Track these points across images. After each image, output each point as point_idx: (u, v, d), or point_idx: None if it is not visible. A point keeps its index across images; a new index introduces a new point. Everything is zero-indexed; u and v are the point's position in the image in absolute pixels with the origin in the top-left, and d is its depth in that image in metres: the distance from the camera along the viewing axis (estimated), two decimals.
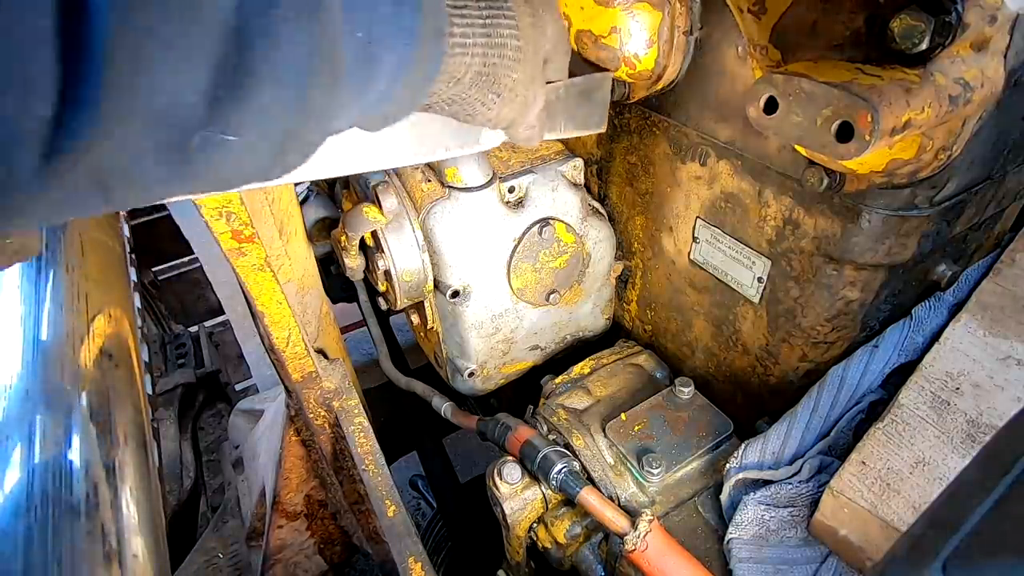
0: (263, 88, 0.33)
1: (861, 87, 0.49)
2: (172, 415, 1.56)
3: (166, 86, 0.29)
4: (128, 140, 0.30)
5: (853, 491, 0.71)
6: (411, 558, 0.83)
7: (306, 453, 1.17)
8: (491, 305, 1.06)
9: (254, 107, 0.33)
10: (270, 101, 0.34)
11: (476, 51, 0.50)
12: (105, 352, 0.80)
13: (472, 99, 0.54)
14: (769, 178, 0.81)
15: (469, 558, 1.41)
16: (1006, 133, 0.69)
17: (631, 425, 0.95)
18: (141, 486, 0.74)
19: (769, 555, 0.76)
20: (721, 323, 1.00)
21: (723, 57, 0.80)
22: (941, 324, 0.85)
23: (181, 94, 0.30)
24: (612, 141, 1.06)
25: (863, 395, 0.83)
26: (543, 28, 0.56)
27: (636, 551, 0.78)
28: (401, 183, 0.98)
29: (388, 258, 0.96)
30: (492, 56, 0.51)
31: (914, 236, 0.73)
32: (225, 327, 2.10)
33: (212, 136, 0.33)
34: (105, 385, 0.77)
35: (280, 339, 0.90)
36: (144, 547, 0.69)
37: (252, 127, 0.34)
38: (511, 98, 0.55)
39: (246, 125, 0.34)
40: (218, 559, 1.28)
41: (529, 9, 0.54)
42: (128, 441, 0.76)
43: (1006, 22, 0.55)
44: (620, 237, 1.15)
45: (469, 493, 1.50)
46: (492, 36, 0.51)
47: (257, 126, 0.34)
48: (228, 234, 0.74)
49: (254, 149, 0.35)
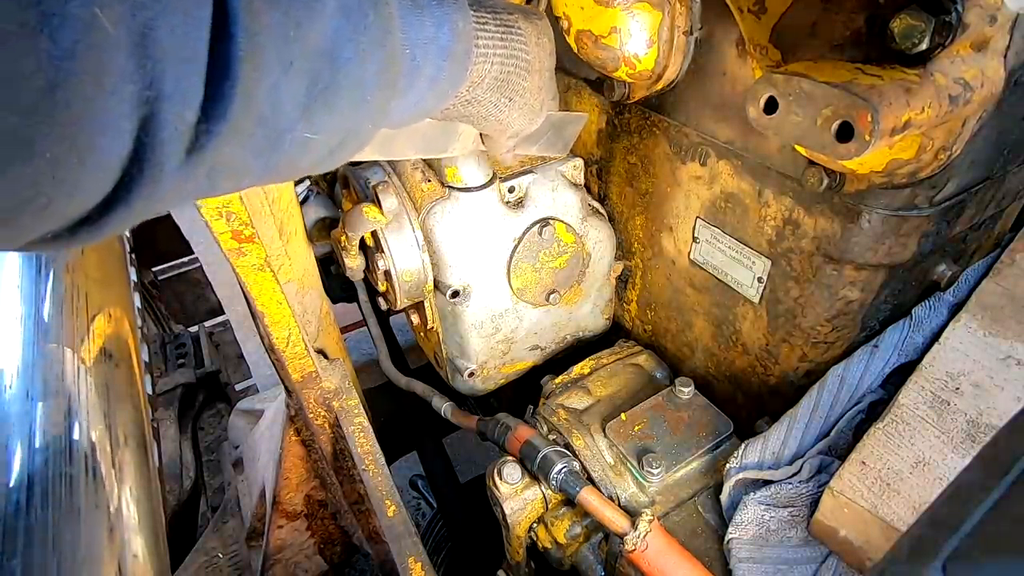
0: (342, 97, 0.41)
1: (861, 87, 0.49)
2: (172, 415, 1.56)
3: (275, 97, 0.37)
4: (240, 141, 0.36)
5: (853, 491, 0.71)
6: (411, 558, 0.83)
7: (306, 453, 1.17)
8: (491, 305, 1.06)
9: (335, 112, 0.41)
10: (346, 107, 0.42)
11: (495, 60, 0.60)
12: (105, 352, 0.80)
13: (487, 101, 0.63)
14: (769, 178, 0.81)
15: (469, 558, 1.41)
16: (1006, 133, 0.69)
17: (631, 425, 0.95)
18: (141, 486, 0.74)
19: (769, 555, 0.76)
20: (721, 323, 1.00)
21: (723, 57, 0.80)
22: (941, 324, 0.85)
23: (284, 103, 0.38)
24: (612, 141, 1.06)
25: (863, 395, 0.83)
26: (545, 49, 0.67)
27: (636, 551, 0.78)
28: (401, 183, 0.98)
29: (388, 258, 0.96)
30: (508, 65, 0.61)
31: (914, 236, 0.73)
32: (225, 327, 2.10)
33: (299, 136, 0.40)
34: (105, 385, 0.77)
35: (280, 339, 0.90)
36: (144, 547, 0.69)
37: (329, 128, 0.42)
38: (521, 103, 0.65)
39: (325, 126, 0.42)
40: (218, 559, 1.28)
41: (535, 31, 0.64)
42: (128, 441, 0.76)
43: (1006, 22, 0.55)
44: (620, 237, 1.15)
45: (469, 493, 1.50)
46: (508, 48, 0.61)
47: (333, 127, 0.43)
48: (228, 234, 0.74)
49: (326, 145, 0.44)
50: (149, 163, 0.32)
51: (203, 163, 0.35)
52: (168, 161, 0.33)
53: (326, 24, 0.38)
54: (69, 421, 0.69)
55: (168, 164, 0.33)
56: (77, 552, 0.59)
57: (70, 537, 0.59)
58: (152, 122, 0.31)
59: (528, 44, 0.63)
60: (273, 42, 0.35)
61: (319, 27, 0.38)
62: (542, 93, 0.68)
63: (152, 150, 0.32)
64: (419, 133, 0.73)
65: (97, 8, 0.27)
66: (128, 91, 0.29)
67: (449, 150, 0.78)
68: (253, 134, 0.37)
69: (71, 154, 0.29)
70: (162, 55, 0.30)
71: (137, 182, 0.32)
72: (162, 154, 0.32)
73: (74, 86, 0.27)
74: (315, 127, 0.41)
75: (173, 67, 0.31)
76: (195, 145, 0.34)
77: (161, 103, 0.31)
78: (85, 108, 0.28)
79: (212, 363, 1.76)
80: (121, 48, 0.28)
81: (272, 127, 0.38)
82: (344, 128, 0.44)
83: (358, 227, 0.94)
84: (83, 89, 0.28)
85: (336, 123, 0.42)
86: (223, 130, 0.34)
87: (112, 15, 0.28)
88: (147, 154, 0.32)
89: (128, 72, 0.29)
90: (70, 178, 0.30)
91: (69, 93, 0.27)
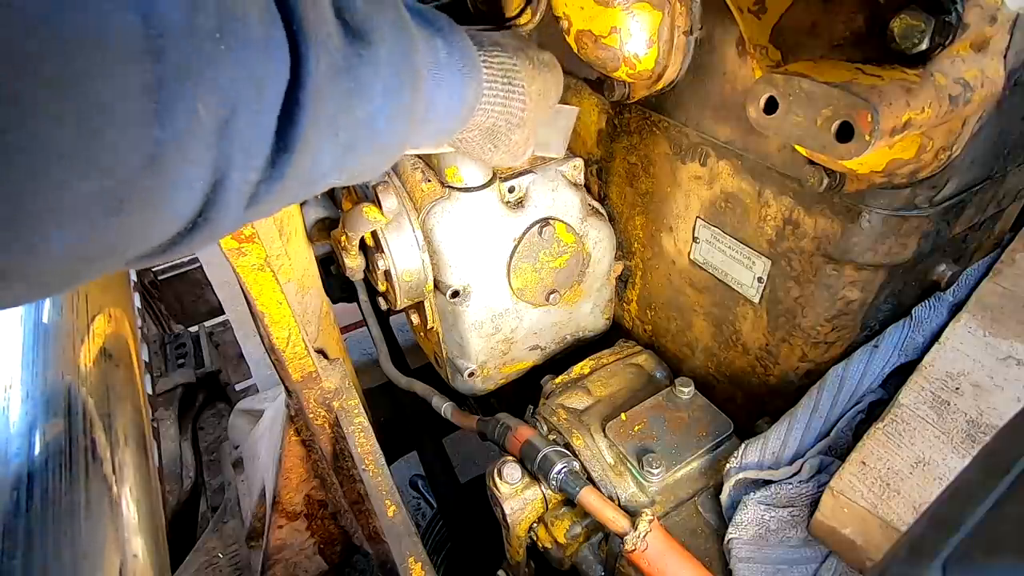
0: (370, 153, 0.50)
1: (861, 87, 0.49)
2: (172, 415, 1.56)
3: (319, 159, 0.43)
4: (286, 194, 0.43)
5: (853, 491, 0.71)
6: (411, 558, 0.83)
7: (306, 453, 1.17)
8: (491, 305, 1.06)
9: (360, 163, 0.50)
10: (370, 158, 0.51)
11: (491, 115, 0.67)
12: (105, 352, 0.80)
13: (475, 143, 0.70)
14: (769, 178, 0.81)
15: (469, 558, 1.41)
16: (1006, 133, 0.69)
17: (631, 425, 0.95)
18: (141, 486, 0.74)
19: (769, 555, 0.76)
20: (721, 323, 1.00)
21: (723, 57, 0.80)
22: (941, 324, 0.85)
23: (325, 163, 0.44)
24: (612, 141, 1.06)
25: (863, 395, 0.83)
26: (546, 101, 0.73)
27: (636, 551, 0.78)
28: (401, 183, 0.98)
29: (388, 258, 0.96)
30: (500, 120, 0.68)
31: (914, 236, 0.73)
32: (225, 327, 2.09)
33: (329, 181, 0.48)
34: (105, 385, 0.77)
35: (280, 339, 0.90)
36: (144, 547, 0.69)
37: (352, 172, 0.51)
38: (505, 150, 0.72)
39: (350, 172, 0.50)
40: (218, 559, 1.28)
41: (538, 86, 0.70)
42: (128, 441, 0.76)
43: (1006, 22, 0.55)
44: (620, 237, 1.15)
45: (469, 493, 1.50)
46: (506, 107, 0.67)
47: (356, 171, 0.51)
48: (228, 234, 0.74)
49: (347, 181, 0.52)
50: (213, 218, 0.38)
51: (255, 213, 0.42)
52: (229, 214, 0.39)
53: (372, 104, 0.46)
54: (69, 422, 0.69)
55: (229, 217, 0.39)
56: (77, 552, 0.59)
57: (70, 537, 0.59)
58: (221, 185, 0.37)
59: (526, 102, 0.68)
60: (328, 121, 0.42)
61: (367, 107, 0.45)
62: (528, 141, 0.74)
63: (217, 208, 0.38)
64: None
65: (200, 103, 0.33)
66: (207, 159, 0.35)
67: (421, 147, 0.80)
68: (297, 188, 0.44)
69: (151, 212, 0.34)
70: (237, 136, 0.36)
71: (200, 229, 0.38)
72: (225, 210, 0.38)
73: (167, 163, 0.33)
74: (343, 175, 0.49)
75: (245, 146, 0.37)
76: (252, 201, 0.40)
77: (231, 171, 0.37)
78: (171, 177, 0.34)
79: (212, 363, 1.76)
80: (208, 132, 0.34)
81: (310, 179, 0.45)
82: (363, 171, 0.52)
83: (358, 227, 0.94)
84: (173, 164, 0.33)
85: (358, 168, 0.51)
86: (276, 188, 0.41)
87: (207, 107, 0.33)
88: (212, 211, 0.38)
89: (209, 146, 0.35)
90: (146, 230, 0.36)
91: (161, 167, 0.33)
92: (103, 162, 0.30)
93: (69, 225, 0.31)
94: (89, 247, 0.33)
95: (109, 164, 0.31)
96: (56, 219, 0.30)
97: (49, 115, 0.28)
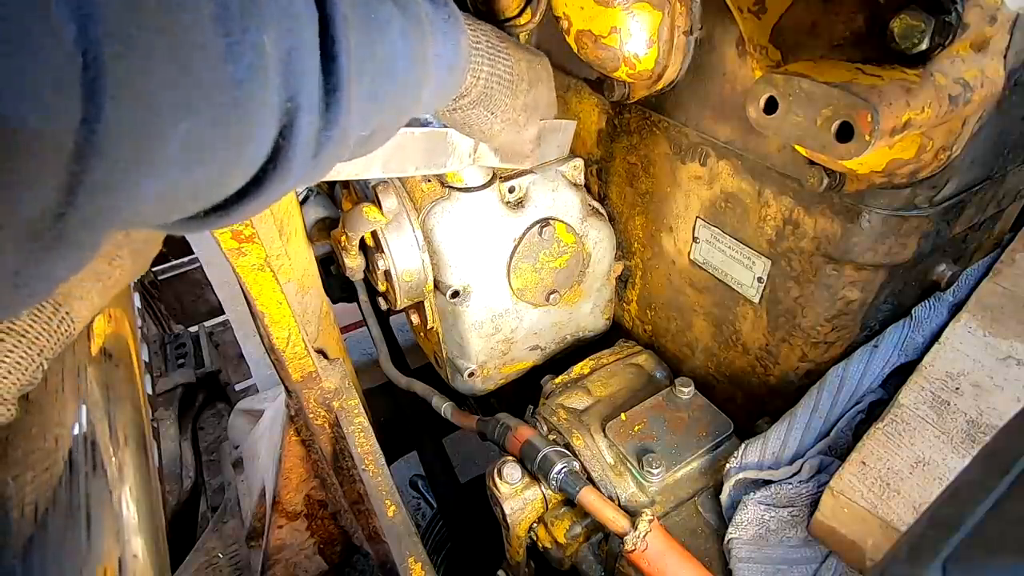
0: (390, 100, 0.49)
1: (861, 87, 0.49)
2: (172, 415, 1.56)
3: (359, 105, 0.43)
4: (340, 143, 0.43)
5: (853, 491, 0.71)
6: (411, 558, 0.83)
7: (306, 453, 1.17)
8: (491, 305, 1.06)
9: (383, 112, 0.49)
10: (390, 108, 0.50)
11: (481, 76, 0.67)
12: (105, 352, 0.80)
13: (473, 114, 0.70)
14: (769, 178, 0.81)
15: (469, 558, 1.41)
16: (1006, 133, 0.69)
17: (631, 425, 0.95)
18: (141, 486, 0.74)
19: (769, 555, 0.76)
20: (721, 323, 1.00)
21: (723, 57, 0.80)
22: (941, 324, 0.85)
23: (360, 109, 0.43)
24: (612, 141, 1.06)
25: (863, 395, 0.83)
26: (537, 73, 0.75)
27: (636, 551, 0.78)
28: (401, 183, 0.98)
29: (388, 258, 0.96)
30: (491, 81, 0.68)
31: (914, 236, 0.73)
32: (225, 327, 2.09)
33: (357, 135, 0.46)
34: (105, 385, 0.77)
35: (280, 339, 0.90)
36: (144, 547, 0.69)
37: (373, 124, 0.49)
38: (503, 118, 0.72)
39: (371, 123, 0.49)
40: (218, 559, 1.28)
41: (527, 57, 0.73)
42: (128, 441, 0.76)
43: (1006, 22, 0.55)
44: (620, 237, 1.15)
45: (469, 493, 1.50)
46: (494, 67, 0.68)
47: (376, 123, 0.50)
48: (228, 234, 0.74)
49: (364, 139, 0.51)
50: (284, 163, 0.38)
51: (317, 167, 0.42)
52: (298, 162, 0.38)
53: (393, 44, 0.46)
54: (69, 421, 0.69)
55: (297, 165, 0.39)
56: (77, 552, 0.59)
57: (70, 537, 0.59)
58: (291, 129, 0.37)
59: (512, 66, 0.69)
60: (360, 60, 0.41)
61: (388, 47, 0.45)
62: (527, 111, 0.75)
63: (287, 153, 0.37)
64: (419, 150, 0.79)
65: (266, 36, 0.32)
66: (275, 102, 0.35)
67: (447, 165, 0.83)
68: (343, 142, 0.43)
69: (233, 156, 0.34)
70: (300, 72, 0.36)
71: (271, 178, 0.38)
72: (294, 156, 0.38)
73: (245, 102, 0.32)
74: (367, 125, 0.47)
75: (307, 83, 0.36)
76: (318, 149, 0.40)
77: (298, 113, 0.36)
78: (251, 118, 0.33)
79: (212, 363, 1.76)
80: (274, 68, 0.34)
81: (349, 134, 0.43)
82: (381, 124, 0.51)
83: (358, 227, 0.94)
84: (251, 104, 0.33)
85: (378, 120, 0.49)
86: (335, 135, 0.40)
87: (271, 41, 0.33)
88: (282, 156, 0.37)
89: (277, 86, 0.34)
90: (225, 173, 0.35)
91: (241, 109, 0.32)
92: (194, 102, 0.30)
93: (161, 173, 0.30)
94: (178, 193, 0.33)
95: (198, 104, 0.30)
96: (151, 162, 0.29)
97: (153, 53, 0.27)
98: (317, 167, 0.42)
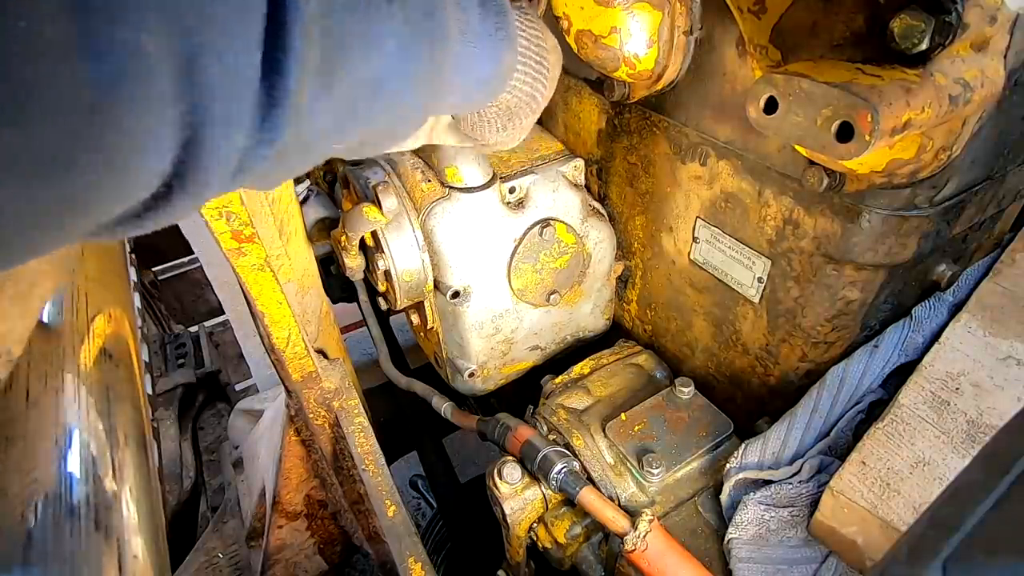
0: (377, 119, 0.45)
1: (861, 87, 0.49)
2: (172, 415, 1.56)
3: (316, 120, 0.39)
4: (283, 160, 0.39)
5: (853, 491, 0.71)
6: (411, 558, 0.83)
7: (306, 453, 1.17)
8: (491, 305, 1.06)
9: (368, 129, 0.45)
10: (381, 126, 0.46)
11: (517, 92, 0.60)
12: (105, 352, 0.80)
13: (487, 120, 0.63)
14: (769, 178, 0.81)
15: (469, 558, 1.41)
16: (1006, 133, 0.69)
17: (631, 425, 0.95)
18: (141, 486, 0.74)
19: (769, 555, 0.76)
20: (721, 323, 1.00)
21: (723, 57, 0.80)
22: (941, 324, 0.85)
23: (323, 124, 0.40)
24: (612, 141, 1.06)
25: (863, 395, 0.83)
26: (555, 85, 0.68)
27: (636, 551, 0.78)
28: (401, 183, 0.98)
29: (388, 258, 0.96)
30: (523, 102, 0.62)
31: (914, 236, 0.73)
32: (225, 327, 2.10)
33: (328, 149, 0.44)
34: (105, 385, 0.77)
35: (280, 339, 0.90)
36: (144, 547, 0.69)
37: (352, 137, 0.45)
38: (510, 134, 0.66)
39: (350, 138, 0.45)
40: (218, 559, 1.28)
41: (557, 71, 0.64)
42: (128, 441, 0.76)
43: (1006, 22, 0.55)
44: (620, 237, 1.15)
45: (469, 493, 1.50)
46: (533, 88, 0.61)
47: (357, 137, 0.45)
48: (228, 234, 0.74)
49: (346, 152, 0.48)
50: (192, 181, 0.33)
51: (247, 180, 0.37)
52: (213, 181, 0.34)
53: (381, 60, 0.40)
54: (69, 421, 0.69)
55: (213, 183, 0.34)
56: (77, 553, 0.59)
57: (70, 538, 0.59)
58: (195, 144, 0.31)
59: (548, 86, 0.63)
60: (322, 73, 0.36)
61: (373, 63, 0.40)
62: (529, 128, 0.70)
63: (195, 171, 0.32)
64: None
65: (144, 35, 0.27)
66: (169, 114, 0.30)
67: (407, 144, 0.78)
68: (297, 154, 0.39)
69: (109, 172, 0.30)
70: (208, 81, 0.30)
71: (179, 195, 0.33)
72: (207, 174, 0.33)
73: (114, 110, 0.28)
74: (341, 137, 0.43)
75: (222, 93, 0.31)
76: (243, 167, 0.35)
77: (206, 128, 0.31)
78: (126, 130, 0.29)
79: (212, 363, 1.76)
80: (164, 74, 0.29)
81: (307, 145, 0.39)
82: (377, 139, 0.48)
83: (358, 227, 0.94)
84: (123, 113, 0.28)
85: (362, 134, 0.45)
86: (271, 154, 0.36)
87: (158, 40, 0.28)
88: (190, 174, 0.32)
89: (170, 96, 0.29)
90: (107, 191, 0.30)
91: (108, 116, 0.28)
92: (31, 108, 0.25)
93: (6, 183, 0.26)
94: (38, 208, 0.28)
95: (39, 111, 0.25)
96: None
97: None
98: (252, 182, 0.38)
